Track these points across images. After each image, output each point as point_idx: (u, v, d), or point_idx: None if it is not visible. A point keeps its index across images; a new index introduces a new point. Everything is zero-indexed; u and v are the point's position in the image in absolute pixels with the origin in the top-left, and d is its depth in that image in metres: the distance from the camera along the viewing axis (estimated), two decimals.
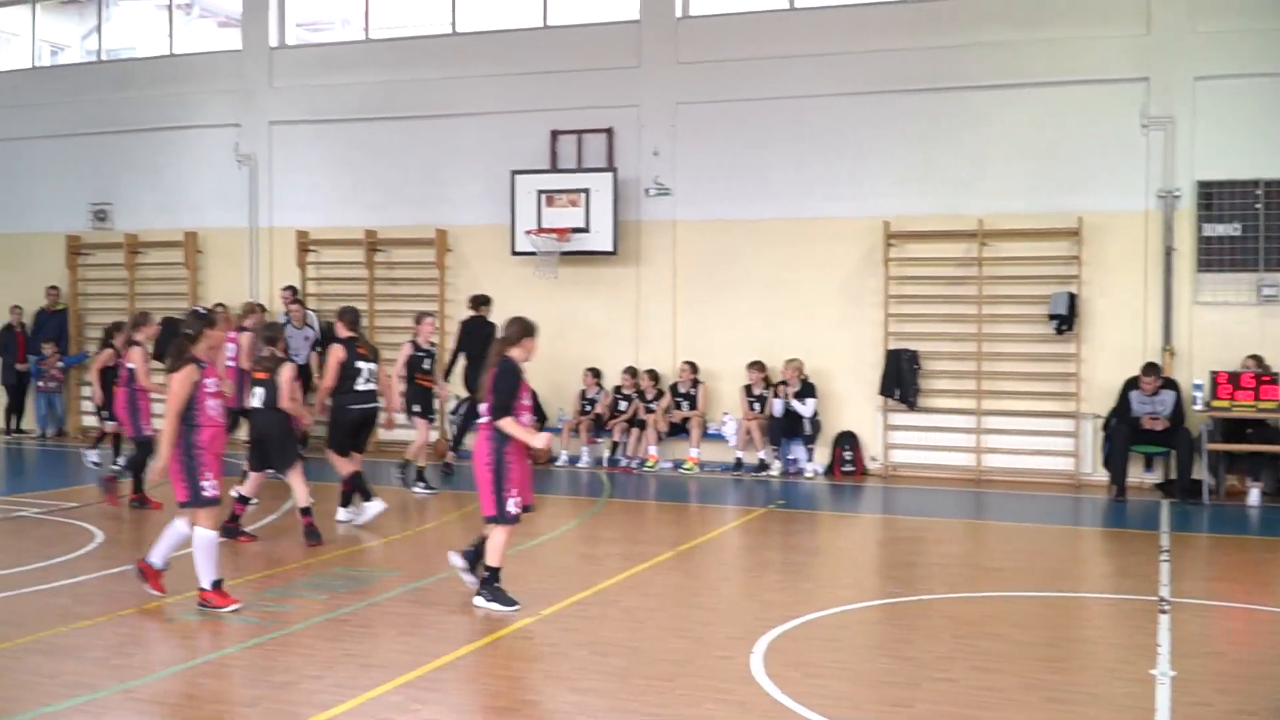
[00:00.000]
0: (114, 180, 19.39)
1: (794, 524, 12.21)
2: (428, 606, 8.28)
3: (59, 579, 8.92)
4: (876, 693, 6.50)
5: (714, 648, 7.26)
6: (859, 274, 15.71)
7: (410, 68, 17.76)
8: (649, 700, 6.25)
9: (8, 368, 19.21)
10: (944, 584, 9.33)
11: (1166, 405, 13.92)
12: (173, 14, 19.58)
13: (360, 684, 6.41)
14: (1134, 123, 14.69)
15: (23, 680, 6.45)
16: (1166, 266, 14.59)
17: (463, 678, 6.67)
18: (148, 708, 6.03)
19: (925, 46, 15.46)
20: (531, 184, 16.53)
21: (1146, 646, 7.31)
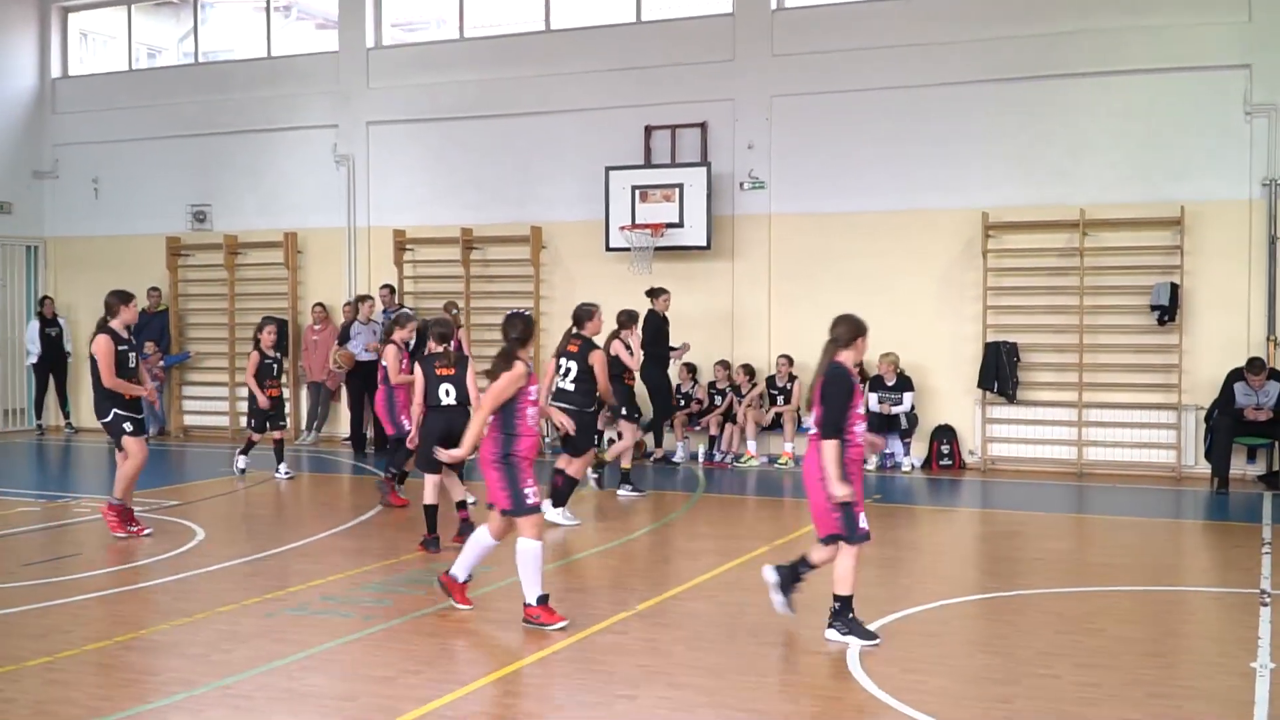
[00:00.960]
0: (213, 182, 19.80)
1: (890, 518, 12.11)
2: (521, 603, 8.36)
3: (160, 576, 9.12)
4: (976, 689, 6.44)
5: (810, 644, 7.25)
6: (957, 267, 15.56)
7: (504, 66, 17.91)
8: (745, 696, 6.26)
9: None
10: (1044, 579, 9.21)
11: (1271, 396, 13.62)
12: (270, 16, 19.88)
13: (458, 679, 6.51)
14: (1237, 110, 14.38)
15: (124, 678, 6.61)
16: (1271, 255, 14.27)
17: (558, 673, 6.72)
18: (245, 704, 6.14)
19: (1023, 35, 15.23)
20: (625, 180, 16.58)
21: (1247, 639, 7.17)
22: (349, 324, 17.49)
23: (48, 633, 7.44)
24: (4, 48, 20.49)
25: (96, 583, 8.85)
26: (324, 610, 8.01)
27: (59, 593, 8.53)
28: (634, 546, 10.53)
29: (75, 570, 9.30)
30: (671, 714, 6.04)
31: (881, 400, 15.26)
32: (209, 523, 11.39)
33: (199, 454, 17.30)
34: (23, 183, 20.70)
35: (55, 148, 20.93)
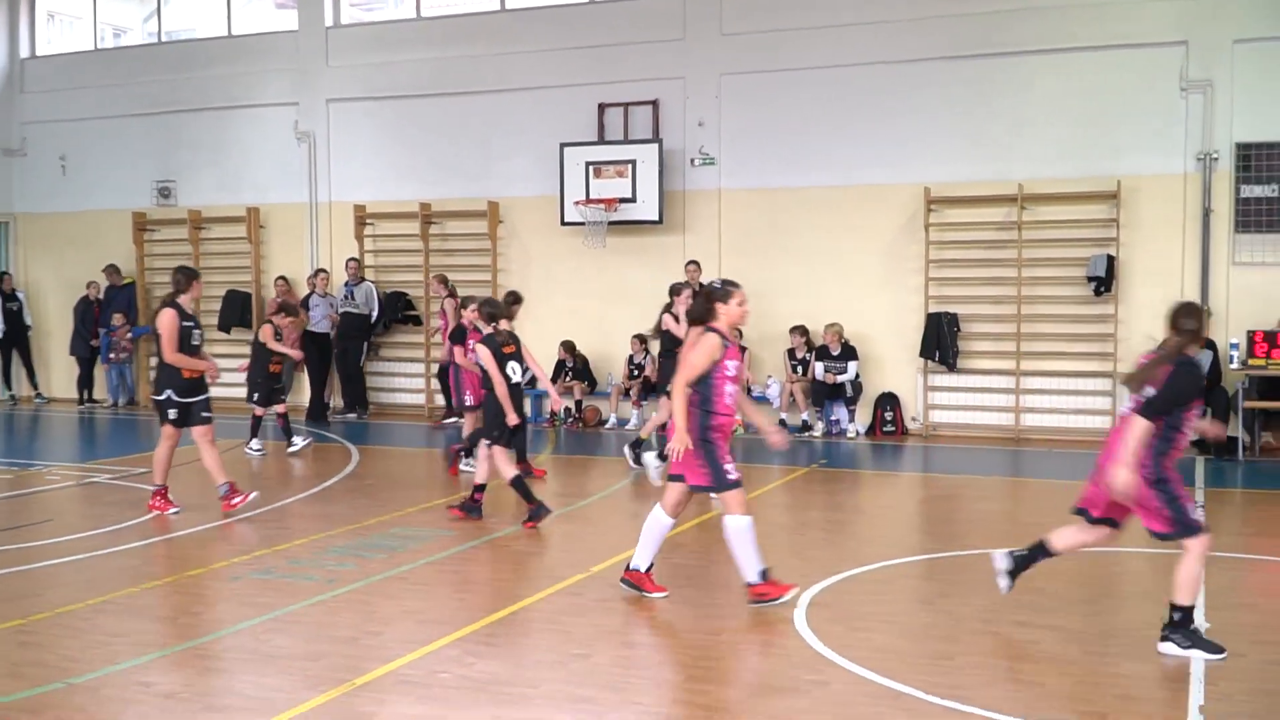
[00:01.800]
0: (177, 158, 19.58)
1: (836, 483, 12.19)
2: (481, 565, 8.35)
3: (130, 542, 9.03)
4: (918, 645, 6.48)
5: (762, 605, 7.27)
6: (900, 239, 15.61)
7: (461, 45, 17.76)
8: (696, 654, 6.27)
9: (80, 340, 19.48)
10: (983, 540, 9.25)
11: (1204, 364, 13.73)
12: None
13: (418, 639, 6.47)
14: (1173, 86, 14.46)
15: (94, 640, 6.54)
16: (1204, 228, 14.39)
17: (515, 632, 6.71)
18: (213, 664, 6.12)
19: (966, 13, 15.26)
20: (580, 156, 16.51)
21: None
22: (308, 296, 17.44)
23: (20, 596, 7.38)
24: None
25: (68, 548, 8.75)
26: (289, 574, 7.96)
27: (31, 557, 8.45)
28: (589, 510, 10.54)
29: (47, 536, 9.19)
30: (626, 672, 6.05)
31: (827, 369, 15.32)
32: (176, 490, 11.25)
33: None
34: None
35: (23, 126, 20.62)
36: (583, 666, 6.08)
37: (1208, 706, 5.43)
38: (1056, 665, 6.10)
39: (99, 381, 19.65)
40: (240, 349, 18.95)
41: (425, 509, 10.49)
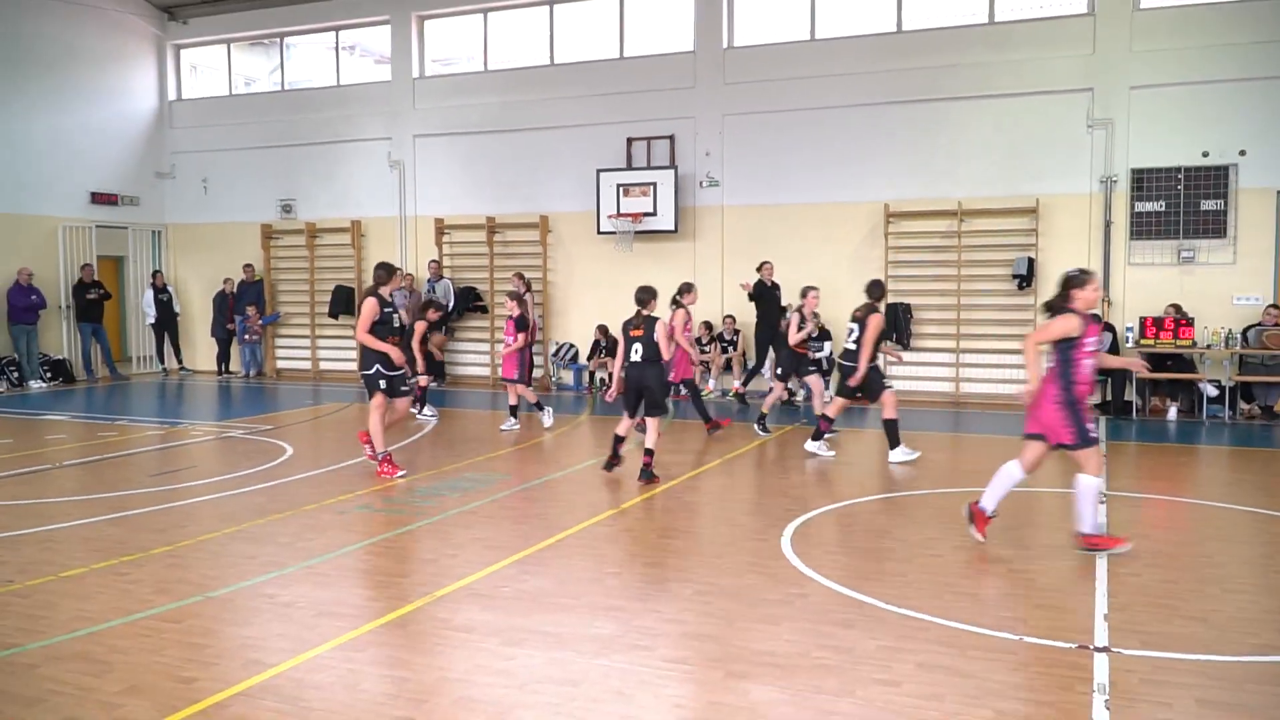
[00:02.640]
0: (296, 181, 19.53)
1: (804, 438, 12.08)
2: (534, 503, 8.33)
3: (258, 483, 9.06)
4: (879, 566, 6.43)
5: (753, 532, 7.23)
6: (865, 245, 15.46)
7: (519, 92, 17.64)
8: (703, 574, 6.24)
9: (219, 324, 19.58)
10: (929, 483, 9.20)
11: (1105, 343, 13.53)
12: (339, 54, 19.63)
13: (484, 560, 6.46)
14: (1081, 124, 14.25)
15: (229, 561, 6.56)
16: (1106, 236, 14.19)
17: (560, 556, 6.68)
18: (324, 579, 6.11)
19: (916, 67, 15.06)
20: (612, 179, 16.40)
21: None
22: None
23: (168, 528, 7.38)
24: (131, 77, 20.10)
25: (207, 489, 8.78)
26: (384, 509, 7.96)
27: (177, 496, 8.47)
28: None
29: (190, 479, 9.22)
30: (648, 587, 6.02)
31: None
32: (295, 442, 11.31)
33: (288, 390, 17.17)
34: (147, 181, 20.38)
35: (172, 154, 20.59)
36: (615, 582, 6.06)
37: (1110, 615, 5.36)
38: (986, 581, 6.05)
39: (234, 358, 19.73)
40: (346, 332, 19.06)
41: (491, 457, 10.50)
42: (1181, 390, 13.50)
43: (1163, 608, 5.52)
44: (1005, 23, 14.76)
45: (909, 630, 5.15)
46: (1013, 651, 4.86)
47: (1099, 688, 4.41)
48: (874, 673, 4.62)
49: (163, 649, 4.95)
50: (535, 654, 4.88)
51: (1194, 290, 13.73)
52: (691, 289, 11.87)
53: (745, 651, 4.90)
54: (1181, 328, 13.17)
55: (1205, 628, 5.22)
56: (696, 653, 4.93)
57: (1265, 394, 13.30)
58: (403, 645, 5.04)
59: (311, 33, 19.91)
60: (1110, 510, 7.79)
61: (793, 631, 5.15)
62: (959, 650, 4.88)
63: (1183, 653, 4.83)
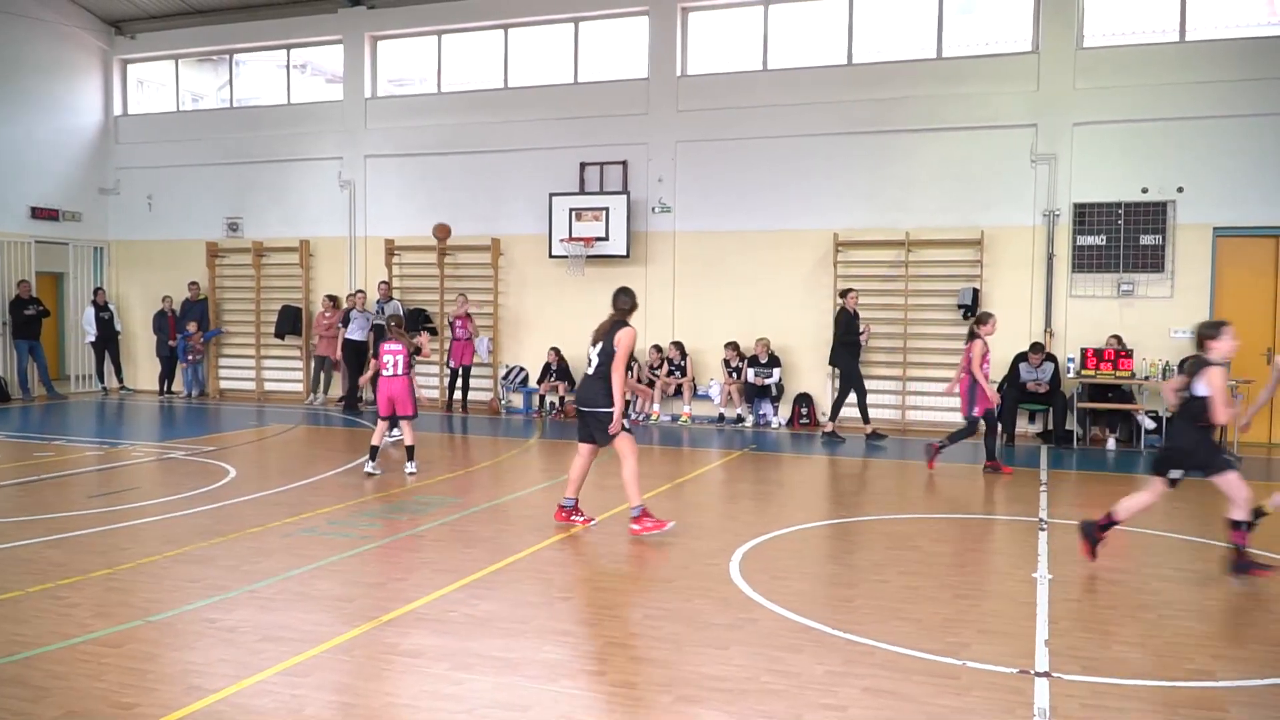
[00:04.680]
0: (244, 199, 19.34)
1: (763, 464, 12.20)
2: (484, 526, 8.29)
3: (201, 505, 8.92)
4: (826, 591, 6.51)
5: (702, 557, 7.27)
6: (815, 273, 15.67)
7: (473, 114, 17.67)
8: (653, 597, 6.27)
9: (161, 344, 19.27)
10: (876, 508, 9.33)
11: (1047, 373, 13.92)
12: (290, 73, 19.52)
13: (433, 584, 6.43)
14: (1025, 159, 14.62)
15: (171, 584, 6.45)
16: (1048, 268, 14.54)
17: (510, 580, 6.66)
18: (268, 603, 6.03)
19: (866, 99, 15.37)
20: (564, 204, 16.47)
21: (1030, 556, 7.33)
22: (349, 310, 17.39)
23: (108, 550, 7.23)
24: (76, 91, 19.81)
25: (148, 510, 8.62)
26: (329, 532, 7.87)
27: (118, 518, 8.31)
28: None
29: (131, 501, 9.05)
30: (598, 611, 6.03)
31: (756, 374, 15.35)
32: (239, 464, 11.14)
33: (231, 411, 16.91)
34: (90, 197, 20.04)
35: (117, 170, 20.29)
36: (564, 607, 6.06)
37: (1051, 640, 5.48)
38: (931, 606, 6.14)
39: (178, 378, 19.39)
40: (292, 352, 18.85)
41: (440, 480, 10.43)
42: (1120, 421, 13.83)
43: (1101, 633, 5.66)
44: (953, 58, 15.13)
45: (855, 655, 5.22)
46: (956, 676, 4.95)
47: (1039, 712, 4.51)
48: (820, 697, 4.68)
49: (102, 674, 4.86)
50: (484, 679, 4.87)
51: (1133, 323, 14.11)
52: (990, 319, 11.33)
53: (694, 676, 4.94)
54: (1121, 359, 13.52)
55: (1142, 653, 5.36)
56: (645, 677, 4.96)
57: None
58: (349, 670, 4.99)
59: (262, 50, 19.78)
60: (1051, 537, 7.96)
61: (741, 656, 5.20)
62: (904, 675, 4.96)
63: (1120, 677, 4.95)
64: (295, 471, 10.78)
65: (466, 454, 12.62)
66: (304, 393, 18.53)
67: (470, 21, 17.87)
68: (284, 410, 17.01)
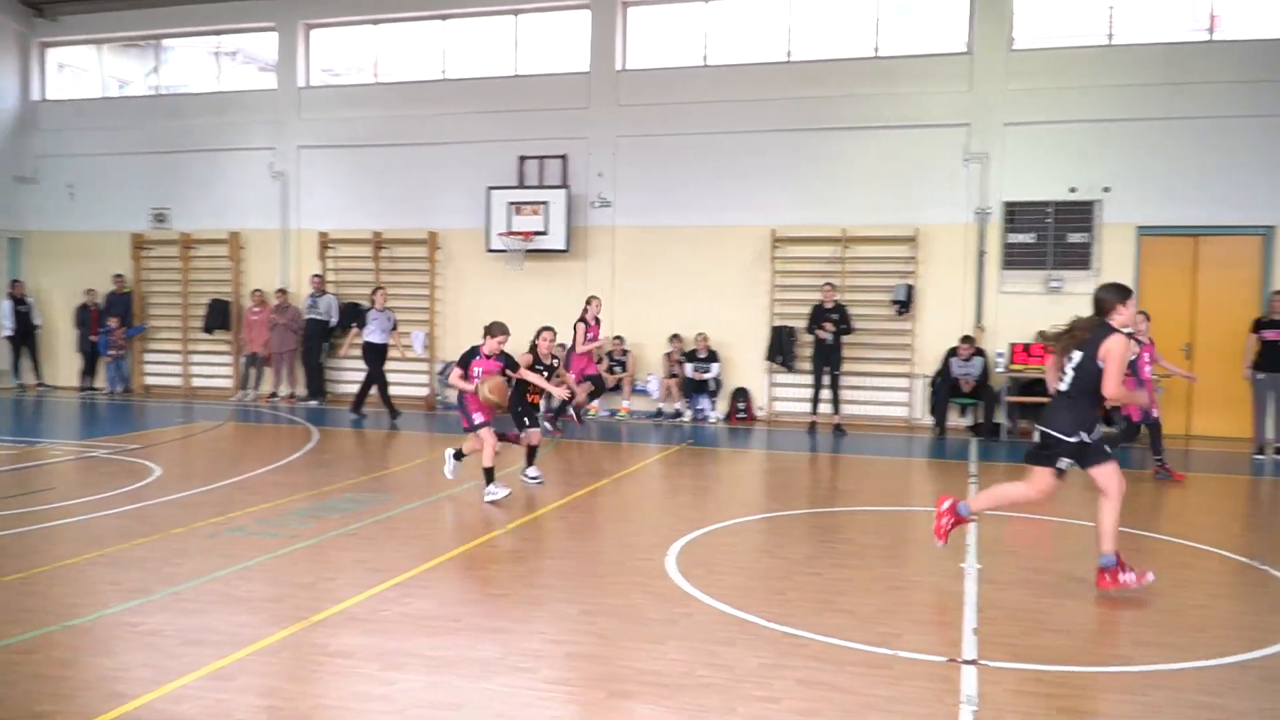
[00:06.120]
0: (171, 190, 18.85)
1: (701, 458, 12.25)
2: (418, 524, 8.20)
3: (123, 505, 8.66)
4: (761, 584, 6.54)
5: (638, 552, 7.27)
6: (753, 268, 15.77)
7: (409, 105, 17.44)
8: (589, 593, 6.24)
9: (82, 338, 18.72)
10: (811, 502, 9.42)
11: (977, 368, 14.18)
12: (220, 59, 19.09)
13: (365, 583, 6.33)
14: (958, 157, 14.86)
15: (89, 587, 6.25)
16: (979, 265, 14.80)
17: (443, 578, 6.59)
18: (191, 606, 5.87)
19: (805, 97, 15.49)
20: (503, 197, 16.35)
21: (959, 547, 7.44)
22: (366, 310, 15.36)
23: (23, 553, 6.98)
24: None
25: (67, 511, 8.34)
26: (257, 532, 7.70)
27: (33, 520, 8.03)
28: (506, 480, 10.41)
29: (48, 501, 8.76)
30: (532, 608, 5.98)
31: (695, 369, 15.41)
32: (164, 463, 10.86)
33: (157, 407, 16.50)
34: (6, 186, 19.40)
35: (36, 158, 19.62)
36: (498, 604, 6.01)
37: (980, 629, 5.57)
38: (864, 597, 6.21)
39: (100, 373, 18.86)
40: (221, 347, 18.44)
41: (374, 477, 10.29)
42: None
43: (1028, 621, 5.77)
44: (889, 57, 15.32)
45: (789, 647, 5.26)
46: (888, 666, 5.01)
47: (967, 699, 4.58)
48: (755, 690, 4.70)
49: (16, 682, 4.69)
50: (416, 678, 4.80)
51: (1061, 319, 14.26)
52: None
53: (629, 671, 4.93)
54: (1048, 354, 13.79)
55: (1067, 639, 5.48)
56: (580, 673, 4.94)
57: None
58: (275, 673, 4.89)
59: (191, 36, 19.30)
60: (981, 528, 8.11)
61: (677, 650, 5.20)
62: (837, 666, 5.00)
63: (1046, 664, 5.06)
64: (223, 470, 10.54)
65: (402, 450, 12.46)
66: (233, 389, 18.17)
67: (407, 11, 17.63)
68: (212, 407, 16.65)
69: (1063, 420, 6.35)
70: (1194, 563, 7.32)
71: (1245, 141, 13.86)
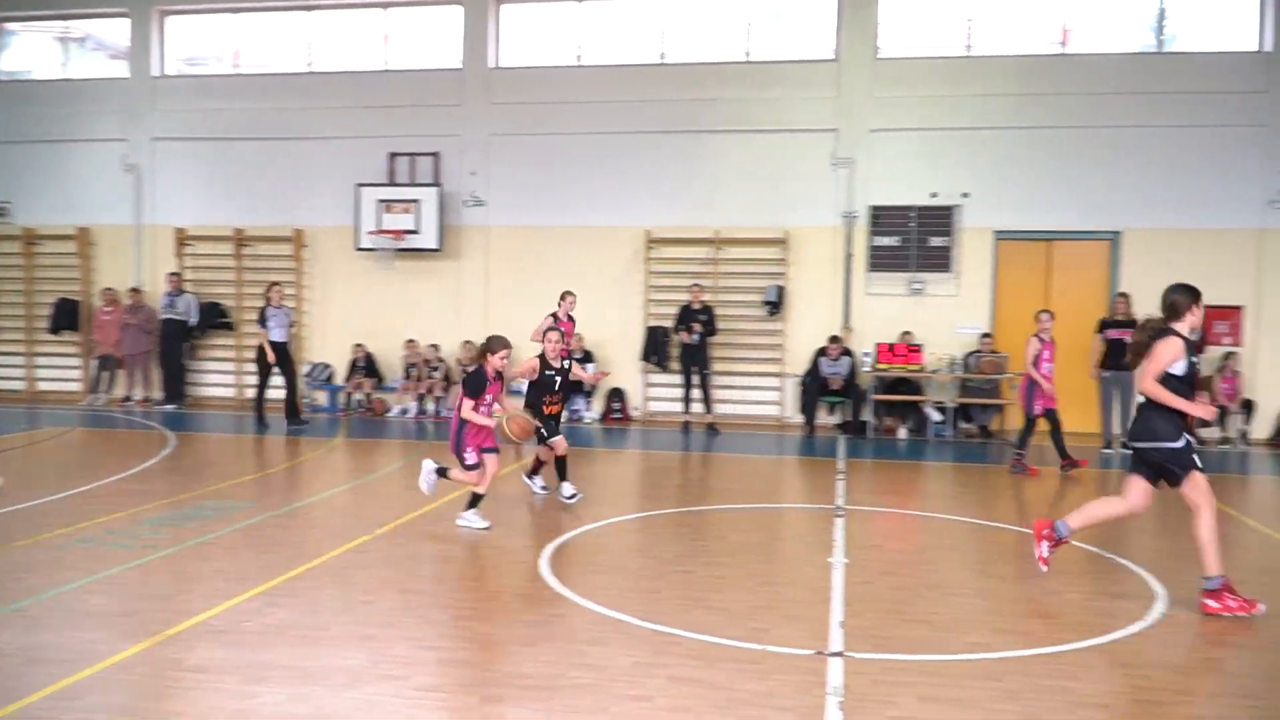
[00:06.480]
0: (12, 182, 17.73)
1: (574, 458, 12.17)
2: (282, 530, 7.93)
3: None
4: (634, 583, 6.57)
5: (511, 554, 7.21)
6: (627, 269, 15.84)
7: (273, 98, 16.87)
8: (461, 596, 6.16)
9: None
10: (683, 501, 9.51)
11: (845, 367, 14.58)
12: (67, 45, 18.07)
13: (224, 594, 6.08)
14: (826, 162, 15.25)
15: None
16: (847, 268, 15.23)
17: (309, 586, 6.38)
18: (35, 622, 5.53)
19: (678, 99, 15.65)
20: (373, 195, 15.99)
21: (826, 542, 7.64)
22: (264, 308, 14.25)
23: None
24: None
25: None
26: (107, 543, 7.31)
27: None
28: (373, 485, 10.18)
29: None
30: (403, 614, 5.86)
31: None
32: (7, 471, 10.20)
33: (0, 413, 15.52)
34: None
35: None
36: (367, 610, 5.86)
37: (846, 622, 5.72)
38: (735, 594, 6.30)
39: None
40: (68, 349, 17.46)
41: (235, 484, 9.91)
42: (911, 412, 14.66)
43: (892, 613, 5.97)
44: (761, 62, 15.61)
45: (661, 645, 5.30)
46: (758, 661, 5.10)
47: (833, 690, 4.71)
48: (627, 689, 4.72)
49: None
50: (279, 691, 4.64)
51: (923, 320, 14.98)
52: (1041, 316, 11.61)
53: (501, 675, 4.88)
54: (911, 354, 14.34)
55: (929, 629, 5.69)
56: (452, 679, 4.86)
57: (982, 415, 14.68)
58: (127, 690, 4.65)
59: (37, 20, 18.21)
60: (849, 523, 8.34)
61: (549, 652, 5.17)
62: (708, 662, 5.07)
63: (908, 654, 5.23)
64: (71, 478, 9.97)
65: (265, 455, 12.04)
66: (83, 392, 17.23)
67: (271, 0, 17.05)
68: (60, 412, 15.75)
69: (1162, 429, 6.09)
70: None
71: (1095, 151, 14.66)
